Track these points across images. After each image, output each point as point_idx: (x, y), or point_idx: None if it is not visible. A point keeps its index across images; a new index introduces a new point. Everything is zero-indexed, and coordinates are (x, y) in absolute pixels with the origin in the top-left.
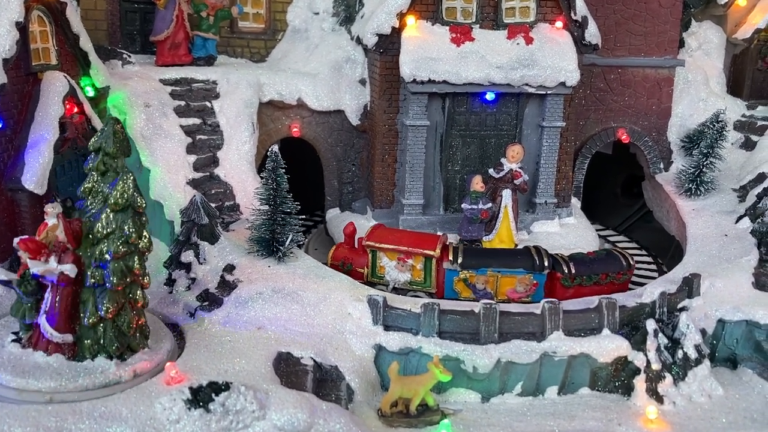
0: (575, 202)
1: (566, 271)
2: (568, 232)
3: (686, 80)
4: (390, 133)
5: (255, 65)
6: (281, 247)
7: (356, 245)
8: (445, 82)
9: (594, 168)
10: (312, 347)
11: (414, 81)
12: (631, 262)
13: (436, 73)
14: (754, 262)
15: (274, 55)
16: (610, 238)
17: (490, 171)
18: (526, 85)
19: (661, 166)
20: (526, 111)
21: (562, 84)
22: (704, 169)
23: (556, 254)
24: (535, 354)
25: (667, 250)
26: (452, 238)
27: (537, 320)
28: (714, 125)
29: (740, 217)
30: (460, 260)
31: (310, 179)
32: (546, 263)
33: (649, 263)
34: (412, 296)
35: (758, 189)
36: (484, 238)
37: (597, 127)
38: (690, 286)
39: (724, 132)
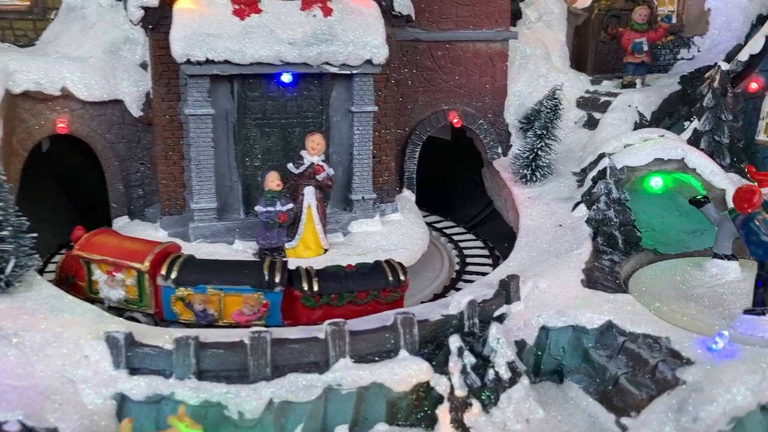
0: (408, 195)
1: (307, 288)
2: (392, 231)
3: (524, 55)
4: (173, 125)
5: (18, 50)
6: (1, 276)
7: None
8: (227, 62)
9: (448, 155)
10: (23, 406)
11: (188, 62)
12: (403, 277)
13: (215, 52)
14: (586, 255)
15: (46, 38)
16: (455, 235)
17: (289, 166)
18: (326, 63)
19: (500, 150)
20: (332, 94)
21: (369, 62)
22: (539, 153)
23: (307, 268)
24: (317, 389)
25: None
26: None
27: (319, 347)
28: (548, 103)
29: (577, 204)
30: (173, 275)
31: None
32: (277, 279)
33: (486, 260)
34: (128, 317)
35: (595, 172)
36: (286, 245)
37: (427, 111)
38: (507, 290)
39: (559, 110)
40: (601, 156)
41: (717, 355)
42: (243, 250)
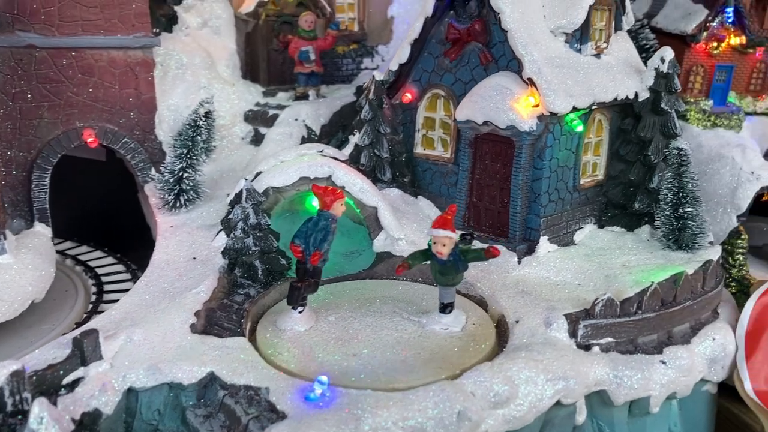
0: (42, 230)
1: None
2: None
3: (181, 64)
4: None
5: None
6: None
7: None
8: None
9: None
10: None
11: None
12: None
13: None
14: (206, 294)
15: None
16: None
17: None
18: None
19: (153, 172)
20: None
21: None
22: (183, 175)
23: None
24: None
25: None
26: None
27: None
28: (190, 118)
29: (218, 233)
30: None
31: None
32: None
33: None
34: None
35: (233, 195)
36: None
37: (56, 130)
38: (82, 350)
39: (201, 126)
40: (260, 176)
41: (313, 404)
42: None
